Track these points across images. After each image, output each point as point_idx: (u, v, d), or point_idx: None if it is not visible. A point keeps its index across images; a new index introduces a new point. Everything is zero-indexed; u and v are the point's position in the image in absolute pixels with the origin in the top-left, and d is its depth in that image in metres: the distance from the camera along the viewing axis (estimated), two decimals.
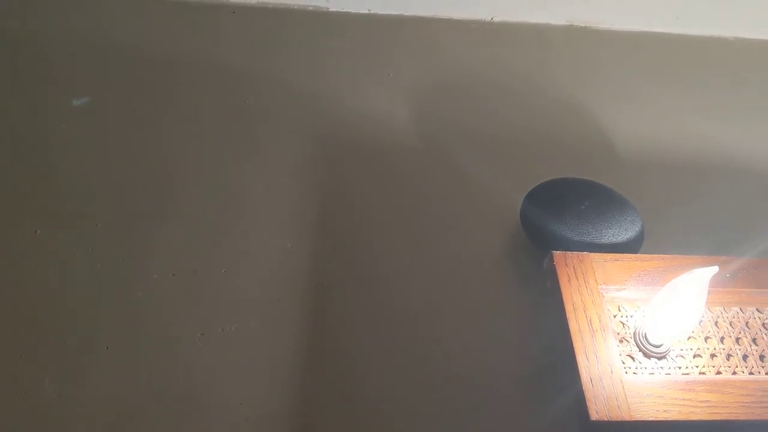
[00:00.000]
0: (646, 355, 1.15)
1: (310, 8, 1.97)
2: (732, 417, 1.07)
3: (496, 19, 2.01)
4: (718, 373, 1.14)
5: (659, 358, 1.15)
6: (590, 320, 1.16)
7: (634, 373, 1.13)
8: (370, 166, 1.63)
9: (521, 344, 1.34)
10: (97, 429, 1.18)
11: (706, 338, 1.19)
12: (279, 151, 1.63)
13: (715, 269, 1.04)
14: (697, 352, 1.16)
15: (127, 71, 1.77)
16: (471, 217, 1.55)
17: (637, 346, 1.16)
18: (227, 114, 1.70)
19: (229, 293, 1.36)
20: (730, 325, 1.21)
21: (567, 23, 2.02)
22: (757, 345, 1.18)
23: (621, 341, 1.16)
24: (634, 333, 1.17)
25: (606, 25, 2.02)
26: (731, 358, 1.16)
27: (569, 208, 1.37)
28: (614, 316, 1.20)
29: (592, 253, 1.25)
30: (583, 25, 2.03)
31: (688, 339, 1.18)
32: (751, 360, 1.16)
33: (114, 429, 1.18)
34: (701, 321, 1.20)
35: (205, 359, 1.27)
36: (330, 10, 1.98)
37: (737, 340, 1.19)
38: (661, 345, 1.15)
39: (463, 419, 1.24)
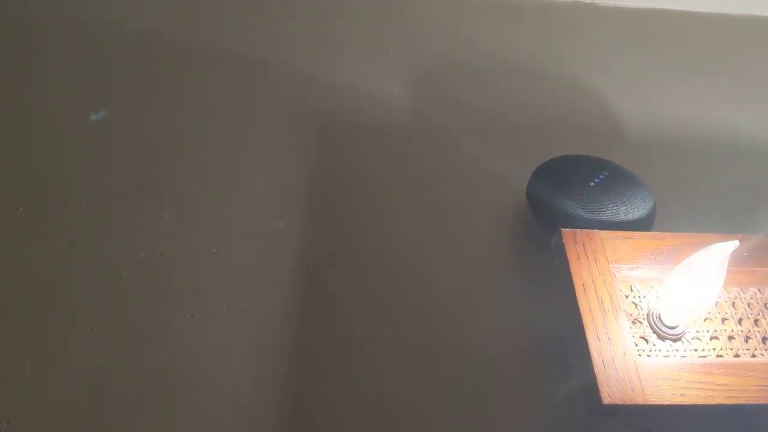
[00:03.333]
0: (661, 337, 1.09)
1: None
2: (752, 401, 1.02)
3: None
4: (737, 356, 1.08)
5: (674, 341, 1.09)
6: (601, 300, 1.10)
7: (648, 355, 1.07)
8: (368, 144, 1.56)
9: (528, 325, 1.29)
10: (79, 413, 1.12)
11: (723, 320, 1.13)
12: (273, 128, 1.57)
13: (735, 243, 0.98)
14: (714, 334, 1.10)
15: (114, 48, 1.70)
16: (474, 196, 1.49)
17: (651, 327, 1.10)
18: (219, 90, 1.64)
19: (219, 273, 1.30)
20: (748, 306, 1.15)
21: (572, 0, 1.96)
22: None
23: (634, 322, 1.10)
24: (648, 314, 1.12)
25: (612, 2, 1.96)
26: (750, 341, 1.10)
27: (578, 185, 1.31)
28: (626, 297, 1.13)
29: (603, 231, 1.19)
30: (588, 1, 1.96)
31: (705, 321, 1.12)
32: None
33: (96, 413, 1.12)
34: (718, 302, 1.14)
35: (195, 342, 1.22)
36: None
37: (756, 321, 1.13)
38: (676, 326, 1.09)
39: (468, 401, 1.19)
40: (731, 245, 0.98)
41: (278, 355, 1.21)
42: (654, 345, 1.08)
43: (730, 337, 1.10)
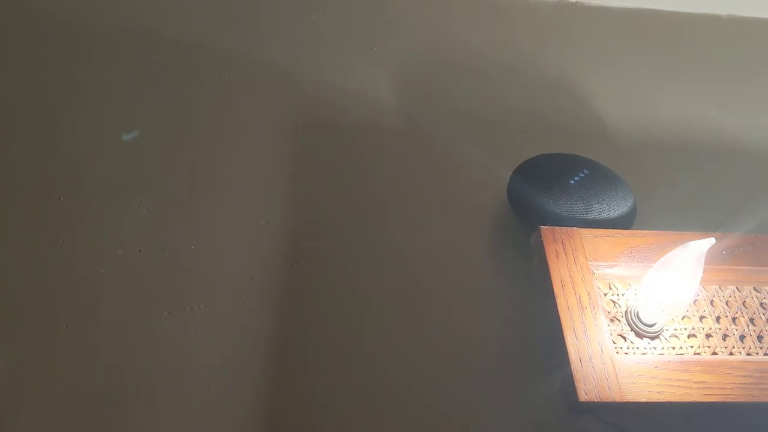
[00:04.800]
0: (639, 335, 1.08)
1: None
2: (729, 399, 1.01)
3: None
4: (714, 353, 1.08)
5: (652, 338, 1.08)
6: (579, 297, 1.10)
7: (626, 353, 1.06)
8: (351, 143, 1.56)
9: (508, 323, 1.29)
10: (53, 409, 1.11)
11: (702, 318, 1.12)
12: (254, 125, 1.56)
13: (711, 241, 0.98)
14: (692, 332, 1.10)
15: (98, 46, 1.69)
16: (456, 194, 1.49)
17: (629, 325, 1.10)
18: (201, 88, 1.63)
19: (198, 271, 1.30)
20: (727, 304, 1.15)
21: None
22: (754, 325, 1.12)
23: (612, 320, 1.10)
24: (626, 312, 1.11)
25: (597, 1, 1.96)
26: (728, 339, 1.10)
27: (558, 183, 1.30)
28: (605, 294, 1.13)
29: (582, 229, 1.19)
30: (573, 1, 1.96)
31: (683, 318, 1.12)
32: (748, 340, 1.10)
33: (73, 410, 1.11)
34: (696, 300, 1.14)
35: (172, 340, 1.21)
36: None
37: (734, 319, 1.13)
38: (654, 324, 1.08)
39: (447, 398, 1.19)
40: (707, 242, 0.98)
41: (256, 353, 1.20)
42: (632, 342, 1.08)
43: (708, 335, 1.10)
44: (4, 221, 1.32)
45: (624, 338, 1.08)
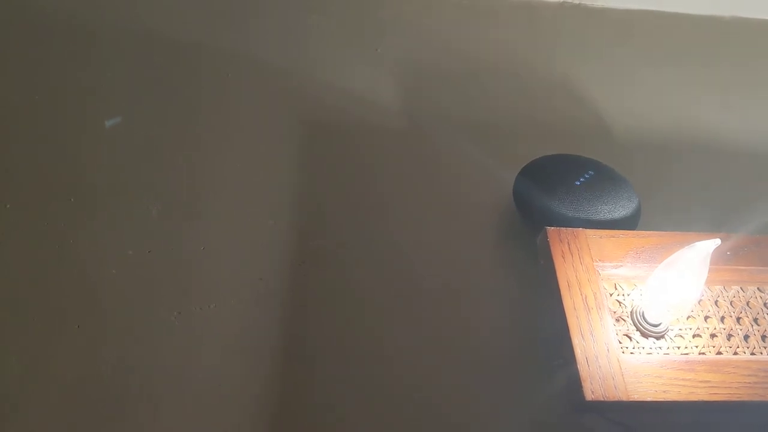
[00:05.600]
0: (644, 335, 1.10)
1: None
2: (734, 398, 1.03)
3: None
4: (719, 353, 1.09)
5: (657, 338, 1.10)
6: (585, 298, 1.11)
7: (631, 352, 1.08)
8: (356, 144, 1.57)
9: (514, 323, 1.30)
10: (66, 409, 1.11)
11: (706, 318, 1.14)
12: (262, 126, 1.57)
13: (717, 242, 0.99)
14: (697, 332, 1.11)
15: (101, 47, 1.69)
16: (462, 196, 1.50)
17: (635, 325, 1.11)
18: (207, 89, 1.64)
19: (207, 271, 1.30)
20: (731, 304, 1.16)
21: (560, 0, 1.97)
22: (758, 325, 1.14)
23: (617, 320, 1.11)
24: (631, 312, 1.12)
25: (600, 2, 1.97)
26: (732, 338, 1.11)
27: (564, 184, 1.32)
28: (610, 295, 1.14)
29: (587, 230, 1.20)
30: (576, 2, 1.97)
31: (687, 318, 1.13)
32: (752, 340, 1.11)
33: (83, 409, 1.12)
34: (701, 300, 1.15)
35: (182, 339, 1.21)
36: None
37: (738, 319, 1.14)
38: (660, 324, 1.10)
39: (449, 399, 1.19)
40: (712, 243, 1.00)
41: (266, 353, 1.21)
42: (637, 342, 1.09)
43: (713, 335, 1.12)
44: (14, 222, 1.32)
45: (630, 338, 1.10)
